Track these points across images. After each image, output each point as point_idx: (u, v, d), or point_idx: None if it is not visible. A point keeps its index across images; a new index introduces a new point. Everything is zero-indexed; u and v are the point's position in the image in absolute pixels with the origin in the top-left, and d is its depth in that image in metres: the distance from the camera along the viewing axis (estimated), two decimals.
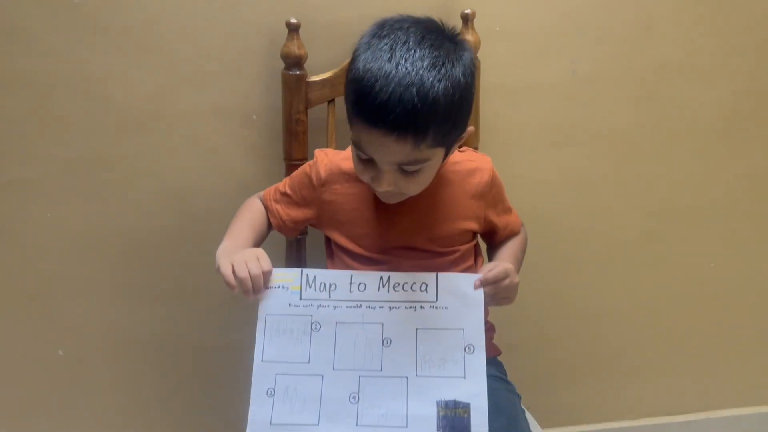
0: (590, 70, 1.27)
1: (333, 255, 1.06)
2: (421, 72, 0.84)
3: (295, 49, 1.12)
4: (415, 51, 0.85)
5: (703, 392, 1.52)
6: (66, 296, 1.26)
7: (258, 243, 1.04)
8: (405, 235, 1.00)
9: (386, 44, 0.86)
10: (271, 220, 1.07)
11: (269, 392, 0.90)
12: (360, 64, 0.87)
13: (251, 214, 1.07)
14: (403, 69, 0.84)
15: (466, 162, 1.05)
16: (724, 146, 1.37)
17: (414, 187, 0.93)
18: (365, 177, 0.93)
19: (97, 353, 1.30)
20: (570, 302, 1.40)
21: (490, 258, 1.12)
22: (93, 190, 1.21)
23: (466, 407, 0.87)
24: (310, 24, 1.14)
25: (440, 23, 0.91)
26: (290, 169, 1.16)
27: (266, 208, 1.08)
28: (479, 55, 1.17)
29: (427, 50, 0.85)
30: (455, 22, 1.12)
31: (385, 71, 0.84)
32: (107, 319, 1.28)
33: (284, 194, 1.07)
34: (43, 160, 1.19)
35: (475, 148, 1.19)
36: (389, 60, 0.85)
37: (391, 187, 0.91)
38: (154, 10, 1.15)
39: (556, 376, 1.44)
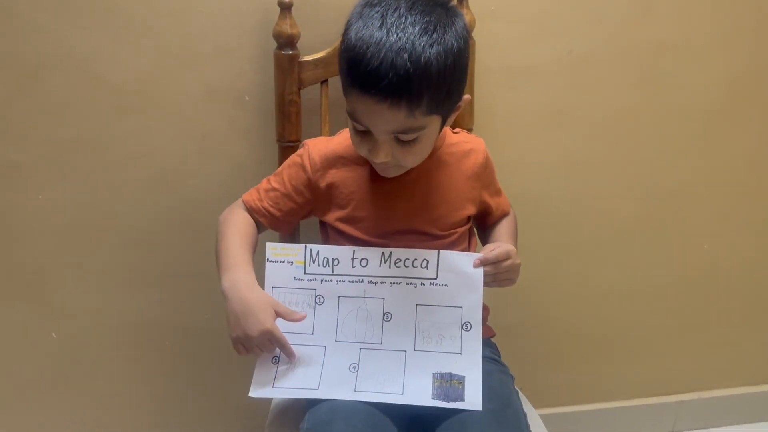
0: (587, 51, 1.26)
1: (329, 241, 1.05)
2: (412, 38, 0.83)
3: (287, 28, 1.10)
4: (406, 17, 0.84)
5: (695, 372, 1.53)
6: (58, 279, 1.26)
7: (253, 257, 1.00)
8: (404, 218, 1.00)
9: (377, 12, 0.85)
10: (262, 220, 1.03)
11: (274, 360, 0.93)
12: (352, 33, 0.86)
13: (238, 228, 1.01)
14: (395, 35, 0.83)
15: (462, 143, 1.05)
16: (720, 128, 1.36)
17: (411, 158, 0.93)
18: (363, 150, 0.93)
19: (91, 336, 1.30)
20: (564, 284, 1.40)
21: (484, 239, 1.12)
22: (84, 172, 1.20)
23: (461, 380, 0.90)
24: (302, 2, 1.12)
25: None
26: (283, 150, 1.15)
27: (252, 211, 1.03)
28: (474, 35, 1.15)
29: (418, 16, 0.84)
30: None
31: (377, 38, 0.84)
32: (100, 301, 1.28)
33: (271, 190, 1.03)
34: (33, 142, 1.18)
35: (470, 129, 1.19)
36: (380, 27, 0.84)
37: (388, 158, 0.90)
38: None
39: (550, 357, 1.45)
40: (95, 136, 1.19)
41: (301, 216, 1.06)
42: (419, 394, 0.89)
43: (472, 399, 0.89)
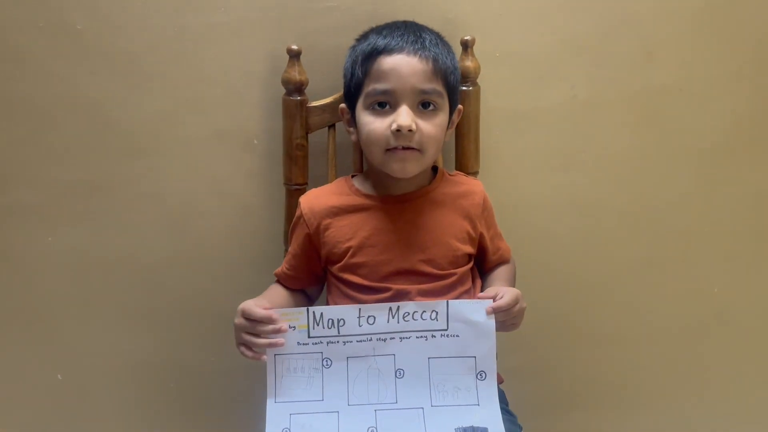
0: (591, 95, 1.27)
1: (331, 288, 1.06)
2: (427, 29, 1.02)
3: (296, 74, 1.12)
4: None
5: (708, 418, 1.49)
6: (66, 320, 1.26)
7: (287, 298, 1.07)
8: (401, 259, 1.00)
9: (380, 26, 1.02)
10: (285, 283, 1.08)
11: (284, 431, 0.90)
12: (362, 39, 1.01)
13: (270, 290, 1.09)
14: (411, 23, 1.01)
15: (458, 184, 1.08)
16: (724, 170, 1.36)
17: (431, 129, 0.97)
18: (381, 130, 0.96)
19: (97, 377, 1.29)
20: (572, 328, 1.38)
21: (483, 285, 1.11)
22: (94, 214, 1.21)
23: (485, 431, 0.88)
24: (311, 50, 1.15)
25: None
26: (290, 193, 1.17)
27: (278, 277, 1.09)
28: (479, 80, 1.17)
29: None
30: (455, 49, 1.14)
31: (395, 25, 1.00)
32: (107, 343, 1.28)
33: (289, 254, 1.08)
34: (45, 183, 1.20)
35: (476, 173, 1.19)
36: (392, 25, 1.01)
37: (412, 121, 0.94)
38: (156, 35, 1.16)
39: (558, 403, 1.42)
40: (105, 179, 1.20)
41: (319, 269, 1.07)
42: None
43: None
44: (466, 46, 1.15)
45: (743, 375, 1.48)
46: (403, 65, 0.95)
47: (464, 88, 1.16)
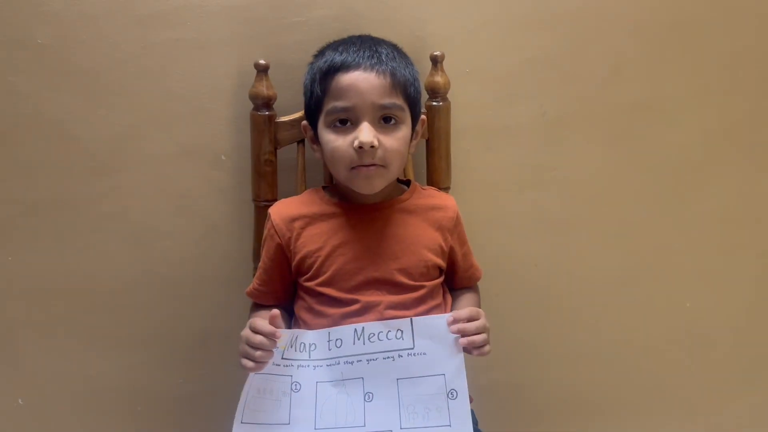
0: (560, 112, 1.28)
1: (298, 302, 1.04)
2: (384, 42, 1.02)
3: (263, 90, 1.11)
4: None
5: None
6: (27, 343, 1.22)
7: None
8: (374, 266, 0.99)
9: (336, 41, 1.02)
10: (257, 300, 1.07)
11: None
12: (319, 55, 1.01)
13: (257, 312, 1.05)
14: (368, 38, 1.01)
15: (429, 198, 1.07)
16: (693, 186, 1.37)
17: (395, 144, 0.96)
18: (344, 147, 0.95)
19: (60, 402, 1.25)
20: (544, 344, 1.37)
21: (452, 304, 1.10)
22: (56, 234, 1.19)
23: None
24: (279, 65, 1.14)
25: None
26: (259, 209, 1.15)
27: (250, 296, 1.07)
28: (449, 96, 1.17)
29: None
30: (425, 64, 1.14)
31: (351, 40, 1.00)
32: (70, 366, 1.24)
33: (259, 269, 1.06)
34: (5, 202, 1.17)
35: (447, 188, 1.19)
36: (348, 40, 1.01)
37: (374, 138, 0.94)
38: (121, 50, 1.14)
39: (529, 421, 1.40)
40: (68, 197, 1.18)
41: (289, 282, 1.05)
42: None
43: None
44: (436, 61, 1.15)
45: (717, 388, 1.48)
46: (360, 81, 0.94)
47: (434, 103, 1.16)
